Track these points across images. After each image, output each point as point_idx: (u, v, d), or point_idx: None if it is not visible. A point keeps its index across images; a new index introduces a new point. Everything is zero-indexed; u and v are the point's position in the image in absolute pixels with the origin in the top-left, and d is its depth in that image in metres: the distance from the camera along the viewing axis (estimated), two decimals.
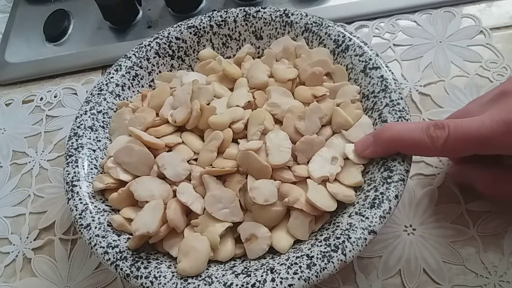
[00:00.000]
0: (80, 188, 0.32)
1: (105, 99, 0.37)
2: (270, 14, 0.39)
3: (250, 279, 0.27)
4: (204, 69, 0.39)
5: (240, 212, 0.30)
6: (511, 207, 0.33)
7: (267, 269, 0.27)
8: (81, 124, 0.36)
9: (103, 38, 0.51)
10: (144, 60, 0.40)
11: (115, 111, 0.38)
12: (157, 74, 0.40)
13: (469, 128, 0.26)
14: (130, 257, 0.29)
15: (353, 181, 0.30)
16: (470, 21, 0.44)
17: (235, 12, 0.40)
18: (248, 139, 0.32)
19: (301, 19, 0.38)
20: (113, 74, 0.39)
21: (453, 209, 0.34)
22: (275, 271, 0.27)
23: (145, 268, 0.28)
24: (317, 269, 0.26)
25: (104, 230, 0.30)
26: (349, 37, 0.36)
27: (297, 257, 0.27)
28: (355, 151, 0.31)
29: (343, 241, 0.27)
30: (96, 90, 0.38)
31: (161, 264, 0.29)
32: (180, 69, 0.41)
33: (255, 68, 0.36)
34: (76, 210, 0.31)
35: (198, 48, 0.41)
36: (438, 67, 0.41)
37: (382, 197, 0.28)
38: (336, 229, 0.28)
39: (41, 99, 0.48)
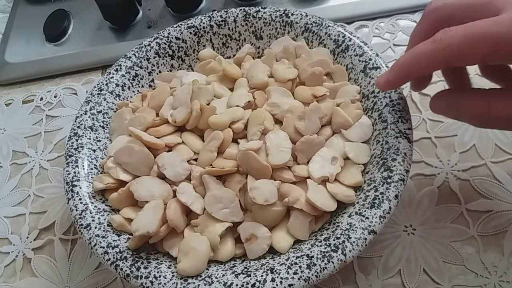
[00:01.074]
0: (80, 188, 0.32)
1: (105, 99, 0.37)
2: (270, 14, 0.39)
3: (250, 279, 0.27)
4: (204, 69, 0.39)
5: (240, 212, 0.30)
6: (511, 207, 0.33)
7: (267, 269, 0.27)
8: (81, 124, 0.36)
9: (103, 38, 0.51)
10: (144, 60, 0.40)
11: (115, 111, 0.38)
12: (157, 74, 0.40)
13: (481, 26, 0.23)
14: (130, 257, 0.29)
15: (353, 181, 0.30)
16: None
17: (235, 12, 0.40)
18: (248, 139, 0.32)
19: (301, 19, 0.38)
20: (113, 74, 0.39)
21: (453, 209, 0.34)
22: (275, 271, 0.27)
23: (145, 268, 0.28)
24: (317, 269, 0.26)
25: (104, 230, 0.30)
26: (349, 37, 0.36)
27: (297, 257, 0.27)
28: (376, 86, 0.30)
29: (343, 241, 0.27)
30: (96, 90, 0.38)
31: (161, 264, 0.29)
32: (180, 69, 0.41)
33: (255, 68, 0.36)
34: (76, 210, 0.31)
35: (198, 48, 0.41)
36: None
37: (382, 197, 0.28)
38: (336, 229, 0.28)
39: (41, 99, 0.48)
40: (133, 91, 0.39)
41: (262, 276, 0.27)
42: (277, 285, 0.26)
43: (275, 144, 0.31)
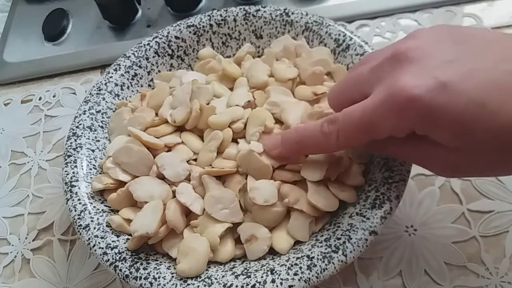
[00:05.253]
0: (79, 188, 0.32)
1: (104, 98, 0.37)
2: (270, 13, 0.39)
3: (250, 280, 0.27)
4: (204, 69, 0.39)
5: (240, 213, 0.30)
6: None
7: (267, 270, 0.27)
8: (80, 124, 0.36)
9: (102, 37, 0.50)
10: (143, 59, 0.39)
11: (114, 111, 0.37)
12: (157, 73, 0.40)
13: (354, 116, 0.24)
14: (129, 258, 0.29)
15: (354, 180, 0.30)
16: (471, 20, 0.44)
17: (235, 11, 0.40)
18: (246, 139, 0.32)
19: (301, 18, 0.38)
20: (112, 73, 0.38)
21: (455, 209, 0.33)
22: (275, 272, 0.27)
23: (144, 269, 0.28)
24: (317, 270, 0.26)
25: (103, 231, 0.30)
26: (349, 36, 0.36)
27: (297, 258, 0.27)
28: (264, 149, 0.30)
29: (344, 242, 0.27)
30: (95, 90, 0.37)
31: (160, 265, 0.29)
32: (180, 68, 0.41)
33: (255, 67, 0.36)
34: (75, 210, 0.31)
35: (198, 48, 0.41)
36: None
37: (383, 197, 0.28)
38: (336, 230, 0.28)
39: (40, 98, 0.47)
40: (132, 91, 0.39)
41: (262, 277, 0.27)
42: (277, 286, 0.26)
43: None
